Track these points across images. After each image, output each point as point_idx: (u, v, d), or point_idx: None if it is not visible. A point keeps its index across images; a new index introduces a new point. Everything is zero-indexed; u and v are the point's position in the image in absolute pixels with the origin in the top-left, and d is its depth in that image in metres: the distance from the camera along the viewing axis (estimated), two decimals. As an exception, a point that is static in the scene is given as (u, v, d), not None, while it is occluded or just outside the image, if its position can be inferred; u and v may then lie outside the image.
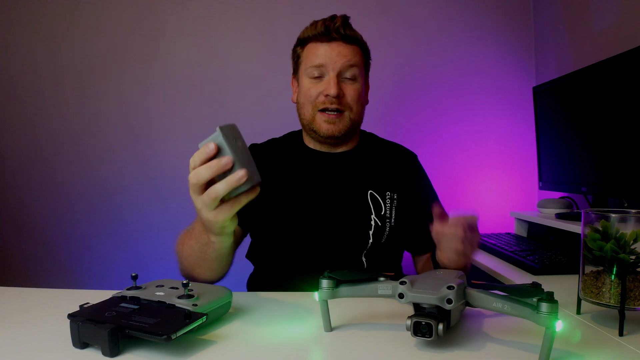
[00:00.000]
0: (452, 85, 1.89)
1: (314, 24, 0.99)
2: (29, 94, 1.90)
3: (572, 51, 1.66)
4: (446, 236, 0.73)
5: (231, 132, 0.60)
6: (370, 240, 0.98)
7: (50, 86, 1.90)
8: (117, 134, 1.91)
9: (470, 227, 0.72)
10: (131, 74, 1.90)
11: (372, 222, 0.98)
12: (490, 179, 1.91)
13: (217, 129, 0.58)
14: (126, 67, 1.90)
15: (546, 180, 1.58)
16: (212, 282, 0.86)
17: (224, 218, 0.62)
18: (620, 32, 1.38)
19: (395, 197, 1.01)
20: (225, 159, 0.57)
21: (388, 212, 1.00)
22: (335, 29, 0.96)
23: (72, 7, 1.87)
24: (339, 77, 0.96)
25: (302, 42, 1.02)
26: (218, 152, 0.58)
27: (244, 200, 0.61)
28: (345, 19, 0.99)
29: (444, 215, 0.74)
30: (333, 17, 0.98)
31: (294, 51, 1.05)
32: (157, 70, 1.89)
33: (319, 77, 0.97)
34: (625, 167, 1.16)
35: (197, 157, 0.59)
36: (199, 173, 0.58)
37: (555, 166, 1.52)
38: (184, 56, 1.89)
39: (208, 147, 0.58)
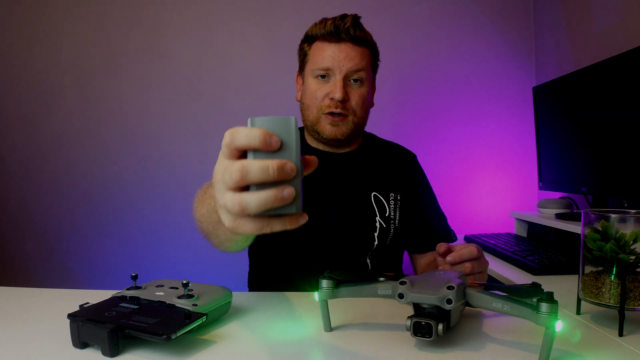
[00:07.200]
0: (452, 85, 1.89)
1: (324, 21, 0.95)
2: (29, 93, 1.90)
3: (572, 51, 1.66)
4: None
5: (298, 137, 0.42)
6: (376, 242, 0.97)
7: (50, 86, 1.90)
8: (117, 134, 1.91)
9: (474, 259, 0.71)
10: (131, 73, 1.90)
11: (377, 224, 0.98)
12: (490, 179, 1.91)
13: (292, 119, 0.41)
14: (126, 67, 1.90)
15: (546, 181, 1.58)
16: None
17: (242, 231, 0.43)
18: (620, 32, 1.38)
19: (398, 197, 1.01)
20: (290, 166, 0.40)
21: (392, 213, 0.99)
22: (344, 30, 0.92)
23: (72, 7, 1.87)
24: (345, 80, 0.93)
25: (309, 39, 0.98)
26: (277, 151, 0.41)
27: (277, 227, 0.42)
28: (355, 19, 0.95)
29: (448, 252, 0.73)
30: (343, 17, 0.95)
31: (301, 47, 1.01)
32: (157, 70, 1.89)
33: (325, 78, 0.94)
34: (625, 167, 1.16)
35: (244, 138, 0.40)
36: (249, 168, 0.40)
37: (555, 166, 1.52)
38: (184, 56, 1.89)
39: (271, 138, 0.40)
